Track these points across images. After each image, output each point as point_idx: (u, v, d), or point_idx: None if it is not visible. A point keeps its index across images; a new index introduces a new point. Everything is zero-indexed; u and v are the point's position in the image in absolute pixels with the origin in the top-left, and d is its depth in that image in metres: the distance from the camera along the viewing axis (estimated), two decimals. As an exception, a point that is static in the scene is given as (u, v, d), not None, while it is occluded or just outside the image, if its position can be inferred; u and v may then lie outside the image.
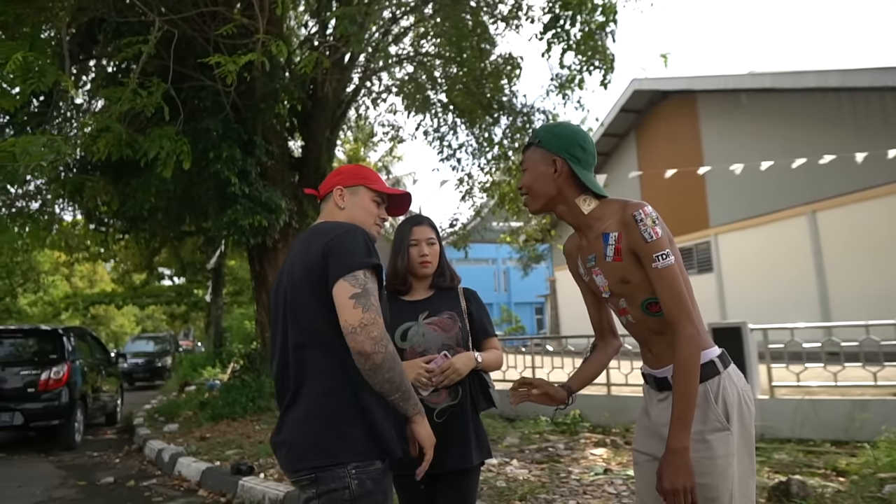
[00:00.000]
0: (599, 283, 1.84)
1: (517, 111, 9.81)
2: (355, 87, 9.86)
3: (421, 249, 2.37)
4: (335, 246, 1.64)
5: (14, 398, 7.39)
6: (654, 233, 1.67)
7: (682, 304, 1.65)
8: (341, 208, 1.85)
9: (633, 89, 17.84)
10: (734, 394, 1.71)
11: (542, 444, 6.05)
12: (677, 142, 17.30)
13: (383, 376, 1.55)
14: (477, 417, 2.34)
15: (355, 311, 1.53)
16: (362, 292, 1.56)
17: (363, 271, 1.60)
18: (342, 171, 1.91)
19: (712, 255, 16.55)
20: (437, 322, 2.34)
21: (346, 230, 1.68)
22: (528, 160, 1.84)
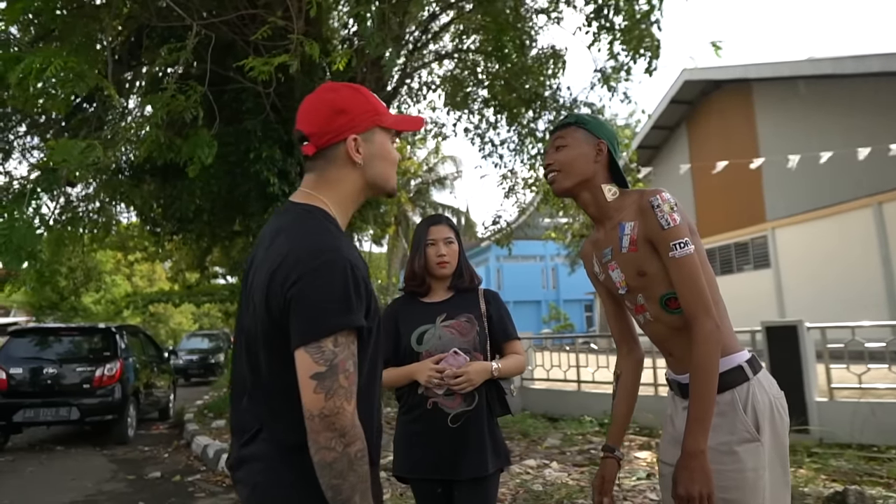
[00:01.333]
0: (615, 279, 1.73)
1: (560, 105, 9.61)
2: (394, 86, 9.83)
3: (438, 249, 2.30)
4: (301, 293, 1.19)
5: (71, 394, 7.68)
6: (672, 219, 1.57)
7: (700, 297, 1.54)
8: (357, 164, 1.34)
9: (684, 80, 17.32)
10: (765, 402, 1.58)
11: (585, 446, 5.90)
12: (731, 133, 16.70)
13: (329, 480, 1.16)
14: (494, 423, 2.26)
15: (316, 397, 1.15)
16: (327, 371, 1.16)
17: (333, 338, 1.17)
18: (348, 109, 1.34)
19: (769, 250, 15.91)
20: (454, 325, 2.27)
21: (320, 265, 1.19)
22: (570, 137, 1.75)
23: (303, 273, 1.19)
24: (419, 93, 10.80)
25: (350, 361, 1.19)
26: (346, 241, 1.30)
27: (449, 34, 10.27)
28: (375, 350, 1.35)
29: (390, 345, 2.31)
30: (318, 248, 1.22)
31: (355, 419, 1.19)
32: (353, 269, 1.22)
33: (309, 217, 1.31)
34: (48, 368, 7.78)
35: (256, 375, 1.31)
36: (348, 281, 1.20)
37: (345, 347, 1.18)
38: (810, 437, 5.49)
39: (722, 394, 1.58)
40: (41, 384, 7.67)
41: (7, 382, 7.58)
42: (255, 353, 1.30)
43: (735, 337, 1.67)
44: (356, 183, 1.37)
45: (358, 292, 1.21)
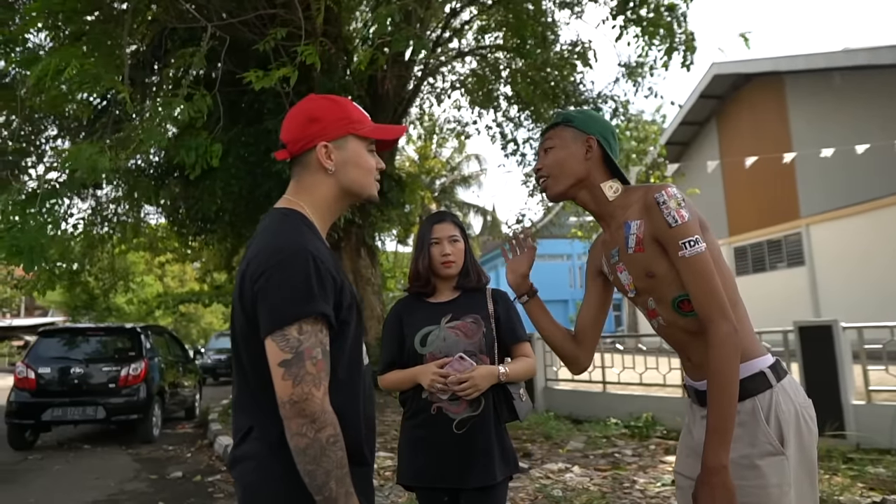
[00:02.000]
0: (624, 281, 1.63)
1: (584, 100, 9.44)
2: (416, 84, 9.78)
3: (443, 248, 2.21)
4: (265, 286, 1.23)
5: (97, 393, 7.78)
6: (680, 216, 1.45)
7: (714, 298, 1.42)
8: (330, 172, 1.38)
9: (713, 74, 16.94)
10: (790, 411, 1.45)
11: (609, 450, 5.74)
12: (763, 127, 16.28)
13: (304, 466, 1.19)
14: (501, 429, 2.16)
15: (285, 384, 1.19)
16: (294, 358, 1.19)
17: (297, 326, 1.20)
18: (320, 117, 1.38)
19: (803, 248, 15.46)
20: (459, 326, 2.18)
21: (283, 259, 1.24)
22: (557, 138, 1.66)
23: (266, 268, 1.24)
24: (442, 91, 10.73)
25: (318, 349, 1.22)
26: (317, 241, 1.33)
27: (470, 31, 10.19)
28: (356, 344, 1.37)
29: (395, 346, 2.24)
30: (283, 245, 1.27)
31: (325, 405, 1.20)
32: (317, 262, 1.25)
33: (284, 220, 1.35)
34: (75, 368, 7.89)
35: (243, 375, 1.35)
36: (310, 272, 1.23)
37: (311, 335, 1.21)
38: (846, 443, 5.26)
39: (742, 402, 1.46)
40: (69, 384, 7.78)
41: (36, 382, 7.71)
42: (240, 354, 1.34)
43: (757, 340, 1.54)
44: (330, 189, 1.40)
45: (322, 283, 1.24)
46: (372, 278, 8.78)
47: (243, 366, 1.33)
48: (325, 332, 1.25)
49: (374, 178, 1.47)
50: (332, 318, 1.25)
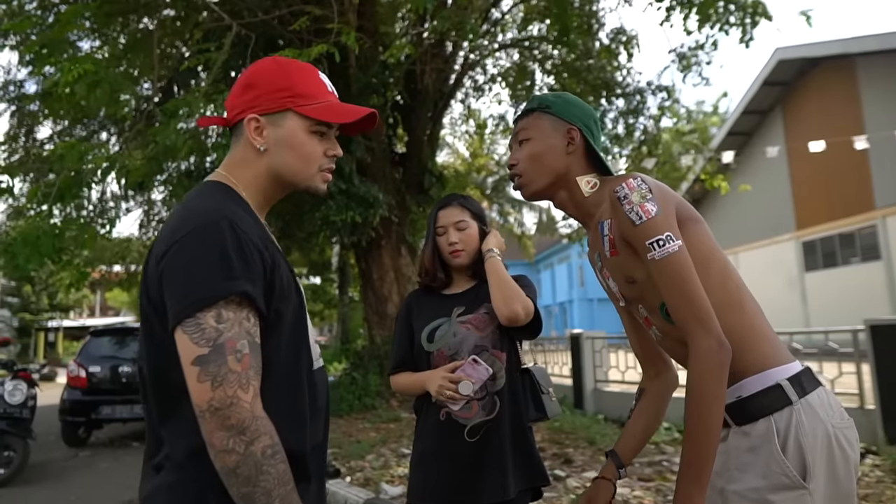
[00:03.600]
0: (613, 289, 1.39)
1: (631, 91, 9.02)
2: (457, 78, 9.57)
3: (449, 237, 1.98)
4: (171, 265, 1.00)
5: (143, 391, 7.92)
6: (644, 212, 1.20)
7: (691, 307, 1.15)
8: (261, 151, 1.15)
9: (777, 59, 16.04)
10: (818, 433, 1.16)
11: (656, 457, 5.38)
12: (833, 114, 15.29)
13: (238, 490, 0.95)
14: (524, 433, 1.89)
15: (201, 387, 0.94)
16: (211, 352, 0.95)
17: (215, 311, 0.96)
18: (255, 83, 1.17)
19: (879, 241, 14.42)
20: (471, 319, 1.93)
21: (193, 229, 1.00)
22: (533, 128, 1.42)
23: (172, 242, 1.01)
24: (483, 85, 10.50)
25: (244, 341, 0.98)
26: (242, 211, 1.09)
27: (512, 23, 9.91)
28: (296, 341, 1.12)
29: (405, 344, 2.01)
30: (193, 213, 1.04)
31: (256, 410, 0.97)
32: (237, 230, 1.01)
33: (206, 191, 1.14)
34: (124, 367, 8.06)
35: (143, 380, 1.11)
36: (226, 242, 0.99)
37: (233, 323, 0.97)
38: (925, 454, 4.74)
39: (754, 423, 1.19)
40: (118, 382, 7.95)
41: (87, 380, 7.91)
42: (148, 356, 1.09)
43: (776, 345, 1.26)
44: (260, 171, 1.17)
45: (244, 257, 1.00)
46: (413, 276, 8.63)
47: (142, 368, 1.10)
48: (254, 319, 1.00)
49: (321, 168, 1.20)
50: (259, 301, 1.01)
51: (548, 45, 9.47)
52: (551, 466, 5.13)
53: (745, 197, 15.88)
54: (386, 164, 8.62)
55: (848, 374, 5.57)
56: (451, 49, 9.03)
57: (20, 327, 27.95)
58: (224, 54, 5.66)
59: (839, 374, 5.65)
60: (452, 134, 14.27)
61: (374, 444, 6.26)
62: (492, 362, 1.86)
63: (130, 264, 12.19)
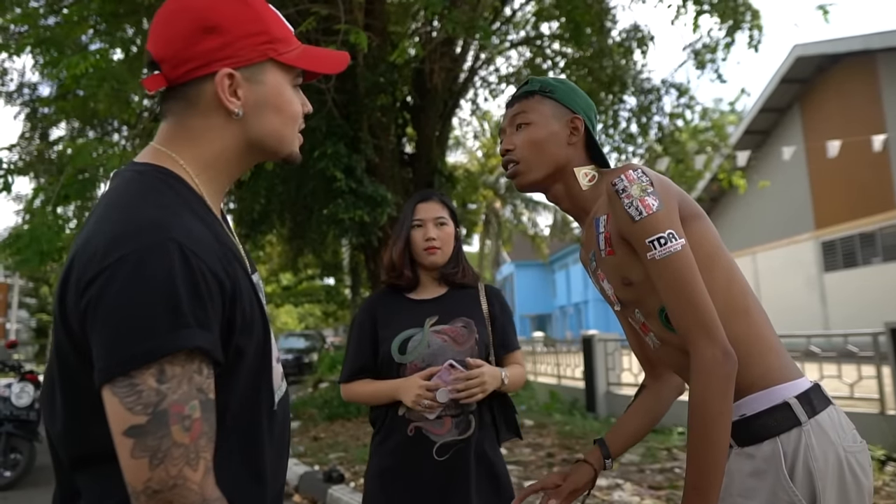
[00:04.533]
0: (608, 292, 1.27)
1: (644, 89, 8.86)
2: (466, 78, 9.46)
3: (426, 232, 1.87)
4: (98, 300, 0.76)
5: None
6: (644, 207, 1.09)
7: (694, 312, 1.05)
8: (235, 116, 0.91)
9: (796, 56, 15.77)
10: (829, 457, 1.05)
11: (668, 464, 5.23)
12: (853, 112, 14.99)
13: None
14: (493, 454, 1.80)
15: (136, 464, 0.74)
16: (149, 422, 0.74)
17: (156, 368, 0.74)
18: (217, 23, 0.88)
19: (901, 241, 14.10)
20: (447, 331, 1.82)
21: (128, 255, 0.76)
22: (534, 112, 1.30)
23: (102, 268, 0.76)
24: (495, 85, 10.38)
25: (193, 402, 0.76)
26: (190, 217, 0.84)
27: (524, 22, 9.79)
28: (256, 382, 0.90)
29: (366, 351, 1.88)
30: (129, 225, 0.79)
31: (207, 491, 0.76)
32: (188, 256, 0.78)
33: (146, 184, 0.86)
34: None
35: (53, 422, 0.86)
36: (175, 276, 0.76)
37: (180, 381, 0.75)
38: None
39: (759, 444, 1.08)
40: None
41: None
42: (51, 387, 0.86)
43: (784, 359, 1.14)
44: (231, 140, 0.92)
45: (198, 293, 0.77)
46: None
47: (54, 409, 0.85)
48: (207, 370, 0.79)
49: (298, 129, 0.99)
50: (215, 351, 0.79)
51: (560, 43, 9.34)
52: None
53: (763, 196, 15.62)
54: (395, 164, 8.53)
55: (868, 379, 5.41)
56: (461, 48, 8.93)
57: (37, 328, 28.30)
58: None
59: (859, 378, 5.50)
60: (464, 134, 14.16)
61: (381, 448, 6.19)
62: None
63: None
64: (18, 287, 25.60)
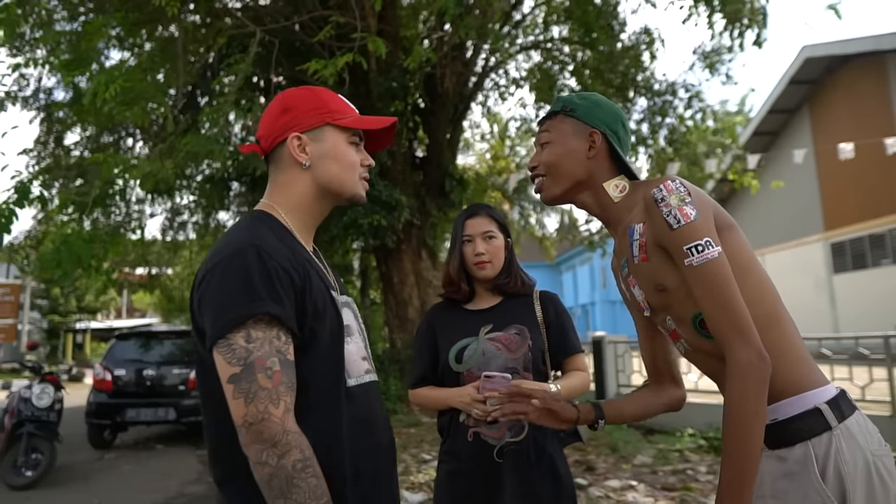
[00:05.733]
0: (638, 298, 1.33)
1: (655, 91, 8.90)
2: (476, 82, 9.53)
3: (476, 247, 1.93)
4: (205, 290, 1.09)
5: (168, 394, 8.01)
6: (683, 215, 1.15)
7: (731, 317, 1.11)
8: (305, 167, 1.22)
9: (805, 57, 15.76)
10: (858, 461, 1.11)
11: (680, 466, 5.28)
12: (863, 113, 14.96)
13: (272, 501, 1.02)
14: (552, 455, 1.85)
15: (236, 403, 1.03)
16: (242, 371, 1.03)
17: (243, 332, 1.04)
18: (292, 106, 1.25)
19: (911, 243, 14.06)
20: (501, 338, 1.89)
21: (223, 258, 1.09)
22: (555, 131, 1.39)
23: (206, 271, 1.11)
24: (505, 88, 10.45)
25: (273, 359, 1.05)
26: (273, 238, 1.15)
27: (534, 24, 9.85)
28: (332, 361, 1.16)
29: (427, 360, 1.97)
30: (226, 243, 1.13)
31: (287, 424, 1.03)
32: (263, 256, 1.08)
33: (244, 222, 1.21)
34: (148, 370, 8.15)
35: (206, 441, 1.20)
36: (252, 267, 1.07)
37: (262, 343, 1.04)
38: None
39: (791, 448, 1.14)
40: (143, 385, 8.04)
41: (113, 383, 8.01)
42: (203, 409, 1.20)
43: (812, 366, 1.21)
44: (306, 186, 1.25)
45: (270, 280, 1.07)
46: (433, 280, 8.60)
47: (202, 390, 1.19)
48: (285, 338, 1.07)
49: (361, 176, 1.29)
50: (289, 321, 1.07)
51: (570, 46, 9.39)
52: (574, 475, 5.06)
53: (772, 197, 15.60)
54: (407, 167, 8.61)
55: (879, 381, 5.44)
56: (472, 52, 9.00)
57: (49, 329, 28.51)
58: (250, 60, 5.70)
59: (870, 381, 5.52)
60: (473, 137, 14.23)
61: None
62: None
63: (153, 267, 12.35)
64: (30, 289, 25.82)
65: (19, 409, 6.06)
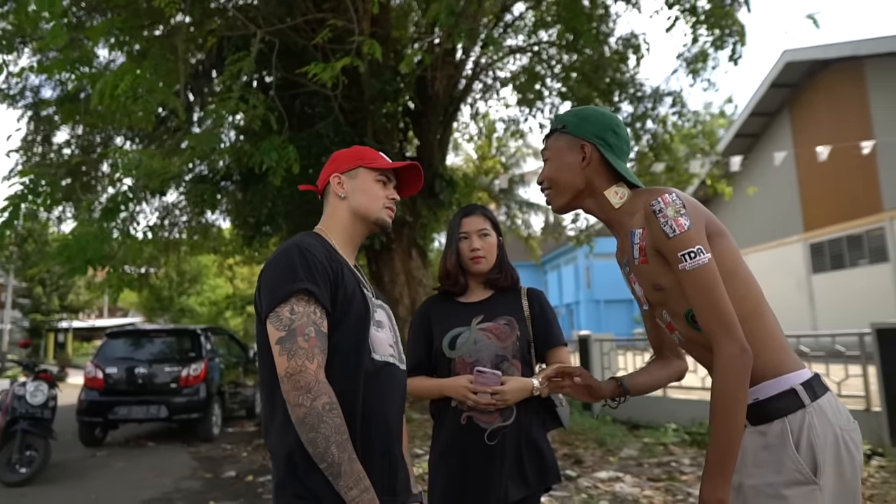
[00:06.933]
0: (638, 293, 1.51)
1: (640, 96, 9.09)
2: (467, 84, 9.66)
3: (471, 243, 2.10)
4: (261, 278, 1.45)
5: (160, 392, 8.06)
6: (678, 226, 1.31)
7: (718, 316, 1.27)
8: (342, 198, 1.59)
9: (785, 61, 16.09)
10: (827, 435, 1.28)
11: (664, 458, 5.47)
12: (841, 116, 15.32)
13: (306, 435, 1.29)
14: (538, 438, 2.02)
15: (281, 359, 1.33)
16: (287, 335, 1.34)
17: (288, 306, 1.36)
18: (336, 157, 1.68)
19: (887, 243, 14.44)
20: (491, 328, 2.04)
21: (276, 254, 1.45)
22: (551, 148, 1.57)
23: (265, 266, 1.46)
24: (492, 88, 10.58)
25: (310, 328, 1.35)
26: (318, 244, 1.47)
27: (524, 27, 9.99)
28: (354, 344, 1.43)
29: (422, 348, 2.12)
30: (280, 247, 1.47)
31: (319, 376, 1.32)
32: (303, 251, 1.41)
33: (298, 236, 1.52)
34: (140, 368, 8.20)
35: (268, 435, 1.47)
36: (295, 259, 1.39)
37: (302, 315, 1.35)
38: (930, 457, 4.81)
39: (770, 423, 1.31)
40: (134, 383, 8.09)
41: (104, 381, 8.06)
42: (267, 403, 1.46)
43: (789, 353, 1.37)
44: (345, 212, 1.60)
45: (309, 268, 1.38)
46: (423, 279, 8.73)
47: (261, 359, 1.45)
48: (320, 313, 1.38)
49: (385, 206, 1.62)
50: (323, 298, 1.38)
51: (558, 50, 9.55)
52: (562, 467, 5.23)
53: (753, 198, 15.91)
54: (397, 168, 8.71)
55: (854, 377, 5.65)
56: (462, 55, 9.12)
57: (31, 328, 28.22)
58: (253, 59, 5.78)
59: (845, 377, 5.73)
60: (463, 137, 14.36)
61: (387, 445, 6.37)
62: (511, 371, 1.98)
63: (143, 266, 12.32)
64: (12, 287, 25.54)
65: (13, 407, 6.10)
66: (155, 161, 5.13)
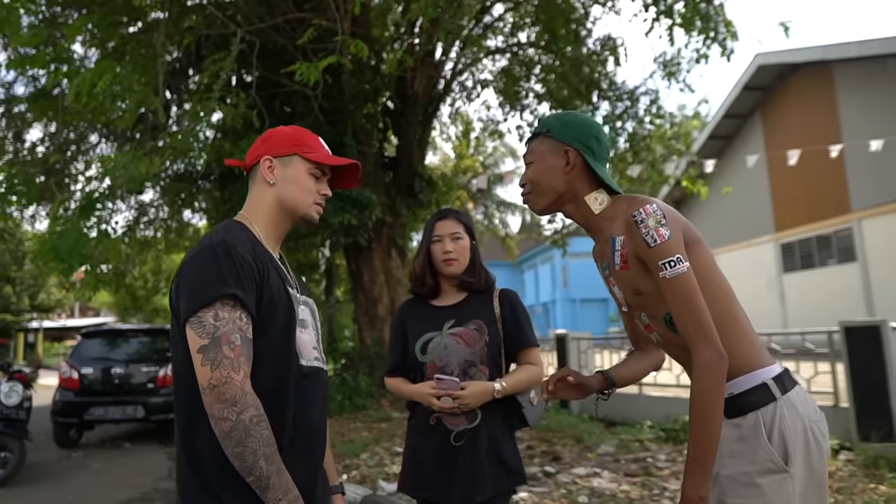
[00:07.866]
0: (618, 296, 1.57)
1: (618, 97, 9.24)
2: (446, 84, 9.72)
3: (444, 246, 2.14)
4: (182, 277, 1.31)
5: (137, 392, 7.98)
6: (659, 236, 1.37)
7: (696, 321, 1.34)
8: (270, 184, 1.45)
9: (758, 64, 16.42)
10: (796, 426, 1.36)
11: (641, 454, 5.58)
12: (811, 119, 15.67)
13: (231, 449, 1.21)
14: (505, 439, 2.08)
15: (203, 369, 1.22)
16: (210, 342, 1.23)
17: (212, 311, 1.24)
18: (272, 136, 1.51)
19: (855, 243, 14.82)
20: (461, 333, 2.09)
21: (199, 249, 1.33)
22: (535, 152, 1.60)
23: (183, 264, 1.34)
24: (472, 91, 10.65)
25: (236, 335, 1.25)
26: (244, 238, 1.38)
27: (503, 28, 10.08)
28: (282, 346, 1.36)
29: (399, 351, 2.19)
30: (202, 243, 1.35)
31: (245, 387, 1.23)
32: (230, 250, 1.30)
33: (220, 227, 1.43)
34: (116, 368, 8.11)
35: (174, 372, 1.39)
36: (220, 259, 1.28)
37: (227, 321, 1.25)
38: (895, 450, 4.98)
39: (744, 416, 1.39)
40: (110, 383, 7.99)
41: (79, 382, 7.95)
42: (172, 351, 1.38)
43: (761, 350, 1.46)
44: (271, 201, 1.47)
45: (235, 270, 1.28)
46: (402, 279, 8.78)
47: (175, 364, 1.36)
48: (246, 319, 1.28)
49: (315, 202, 1.50)
50: (249, 304, 1.28)
51: (536, 50, 9.64)
52: (541, 463, 5.31)
53: (726, 199, 16.21)
54: (377, 168, 8.75)
55: (823, 374, 5.80)
56: (442, 55, 9.18)
57: (1, 328, 27.60)
58: (233, 58, 5.77)
59: (815, 374, 5.88)
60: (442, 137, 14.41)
61: (368, 444, 6.40)
62: (478, 376, 2.04)
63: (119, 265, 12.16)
64: (-20, 286, 24.98)
65: (-13, 408, 6.00)
66: (141, 164, 5.09)
